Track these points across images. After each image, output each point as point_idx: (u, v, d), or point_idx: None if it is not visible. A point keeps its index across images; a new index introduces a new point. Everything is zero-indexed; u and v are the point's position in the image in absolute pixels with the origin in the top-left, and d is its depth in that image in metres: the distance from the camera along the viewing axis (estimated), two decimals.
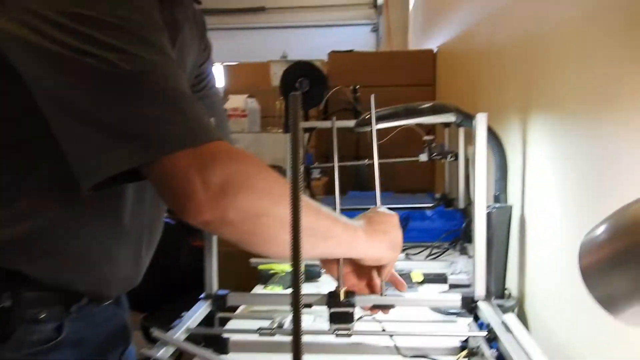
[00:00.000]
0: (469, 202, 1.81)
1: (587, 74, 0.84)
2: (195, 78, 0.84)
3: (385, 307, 0.86)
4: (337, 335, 0.80)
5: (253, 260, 1.50)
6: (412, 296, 0.88)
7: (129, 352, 0.85)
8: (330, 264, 0.78)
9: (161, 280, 2.86)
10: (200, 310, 0.86)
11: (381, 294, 0.86)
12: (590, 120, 0.83)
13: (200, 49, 0.84)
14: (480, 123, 0.86)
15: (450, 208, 1.91)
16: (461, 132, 1.83)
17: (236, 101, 2.79)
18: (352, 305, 0.82)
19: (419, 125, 2.10)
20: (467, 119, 1.17)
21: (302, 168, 0.51)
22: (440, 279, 1.35)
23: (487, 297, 0.85)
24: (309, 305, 0.87)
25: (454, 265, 1.37)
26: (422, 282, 1.34)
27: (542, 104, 1.08)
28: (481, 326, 0.82)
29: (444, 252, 1.61)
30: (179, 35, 0.73)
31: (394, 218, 0.80)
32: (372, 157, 0.83)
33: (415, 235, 1.80)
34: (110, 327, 0.79)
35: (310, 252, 0.69)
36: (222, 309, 0.89)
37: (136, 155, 0.54)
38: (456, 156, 1.94)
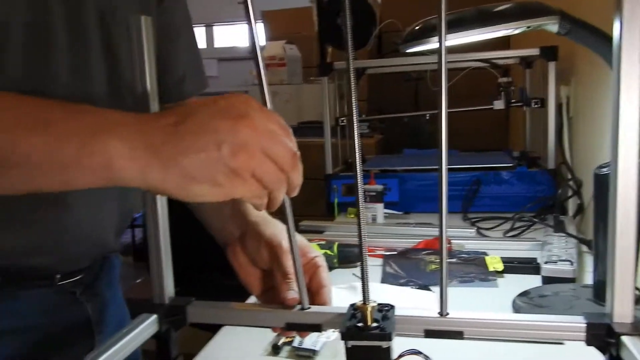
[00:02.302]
0: (562, 160, 1.38)
1: None
2: None
3: (448, 335, 0.50)
4: None
5: None
6: (490, 316, 0.50)
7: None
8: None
9: (197, 246, 2.58)
10: (139, 330, 0.51)
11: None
12: None
13: None
14: None
15: (534, 169, 1.48)
16: (552, 68, 1.40)
17: (274, 48, 2.40)
18: (388, 335, 0.46)
19: (493, 66, 1.68)
20: (577, 26, 0.75)
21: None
22: (529, 267, 0.95)
23: (637, 328, 0.45)
24: (313, 328, 0.51)
25: (547, 248, 0.97)
26: (502, 272, 0.95)
27: None
28: None
29: (529, 227, 1.20)
30: None
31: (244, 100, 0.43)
32: (434, 109, 0.47)
33: (489, 204, 1.42)
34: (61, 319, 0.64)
35: None
36: (178, 327, 0.55)
37: None
38: (542, 102, 1.52)
